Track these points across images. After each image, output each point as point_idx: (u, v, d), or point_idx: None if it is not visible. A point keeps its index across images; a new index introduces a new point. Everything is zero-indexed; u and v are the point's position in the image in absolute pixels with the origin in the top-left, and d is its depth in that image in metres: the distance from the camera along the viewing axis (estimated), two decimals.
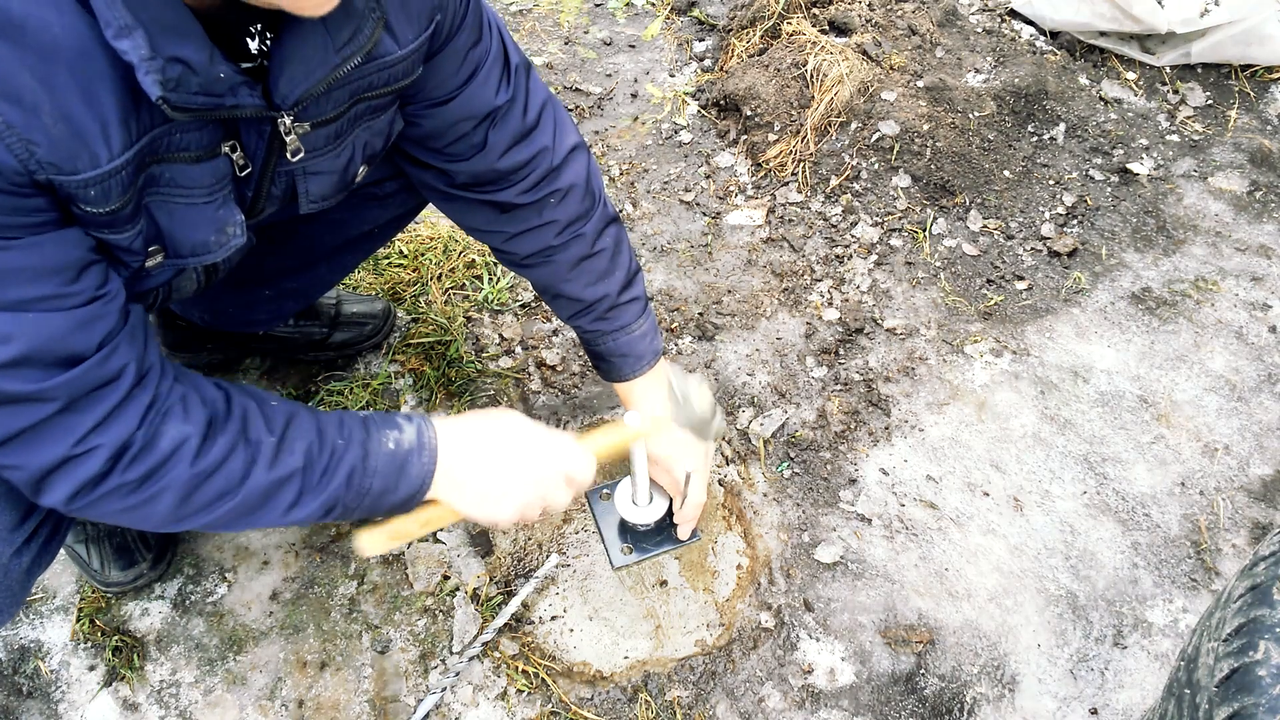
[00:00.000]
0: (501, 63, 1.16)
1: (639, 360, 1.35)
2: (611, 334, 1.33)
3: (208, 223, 0.97)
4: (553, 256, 1.29)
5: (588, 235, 1.28)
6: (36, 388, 0.81)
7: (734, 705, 1.39)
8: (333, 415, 1.04)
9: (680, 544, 1.48)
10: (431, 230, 2.07)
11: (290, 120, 0.94)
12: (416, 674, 1.44)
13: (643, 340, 1.35)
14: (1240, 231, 2.02)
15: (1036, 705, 1.39)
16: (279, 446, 0.96)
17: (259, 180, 1.01)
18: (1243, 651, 0.78)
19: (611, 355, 1.35)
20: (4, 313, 0.79)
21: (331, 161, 1.07)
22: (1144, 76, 2.34)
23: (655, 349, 1.37)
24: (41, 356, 0.81)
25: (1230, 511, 1.59)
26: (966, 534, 1.57)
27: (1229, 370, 1.78)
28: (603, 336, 1.34)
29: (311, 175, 1.07)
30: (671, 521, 1.47)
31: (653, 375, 1.37)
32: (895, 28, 2.33)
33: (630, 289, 1.34)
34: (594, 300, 1.31)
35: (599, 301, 1.32)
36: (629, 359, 1.35)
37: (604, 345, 1.35)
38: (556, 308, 1.38)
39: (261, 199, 1.05)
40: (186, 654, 1.47)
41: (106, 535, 1.50)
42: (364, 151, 1.12)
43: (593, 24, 2.69)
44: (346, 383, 1.79)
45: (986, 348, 1.83)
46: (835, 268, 1.99)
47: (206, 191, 0.93)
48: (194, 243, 0.97)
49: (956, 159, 2.11)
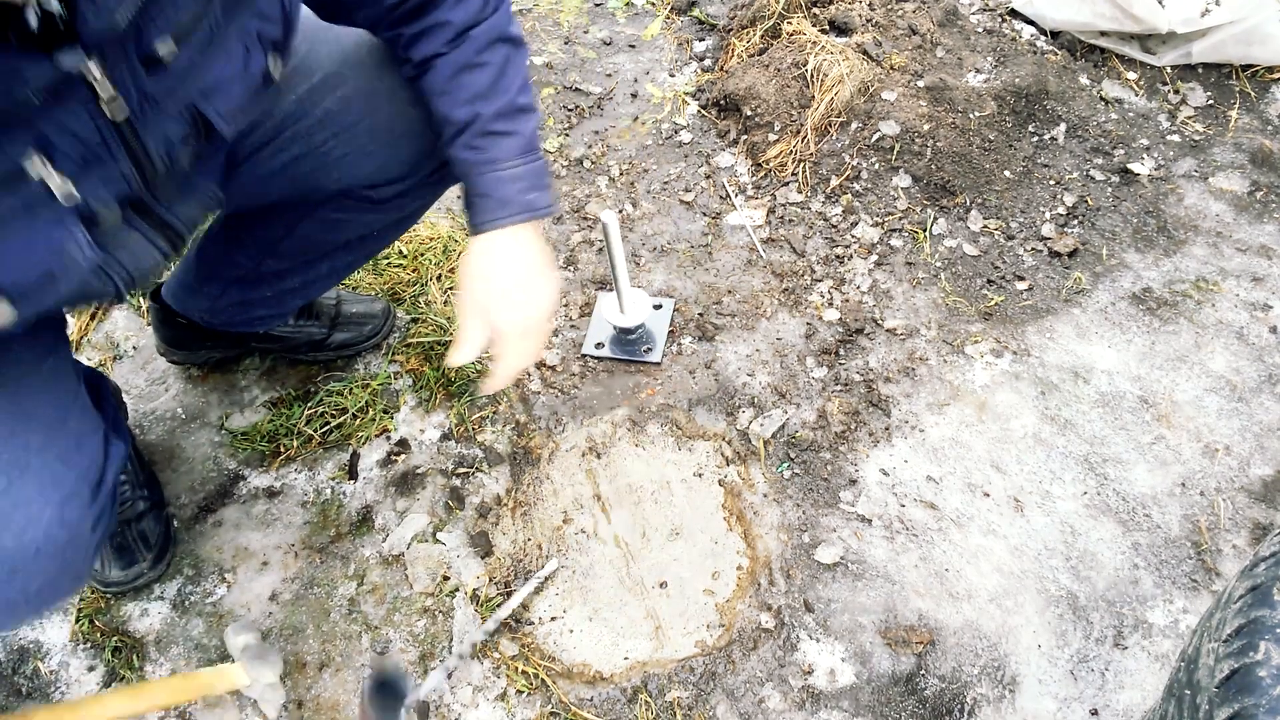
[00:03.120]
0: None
1: (502, 206, 1.19)
2: (478, 166, 1.19)
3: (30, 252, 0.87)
4: (437, 62, 1.17)
5: (474, 41, 1.16)
6: None
7: (734, 706, 1.39)
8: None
9: (640, 359, 1.83)
10: (431, 230, 2.07)
11: (103, 69, 0.80)
12: (416, 674, 1.44)
13: (512, 185, 1.20)
14: (1241, 232, 2.01)
15: (1037, 706, 1.38)
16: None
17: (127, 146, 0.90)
18: (1243, 652, 0.78)
19: (473, 194, 1.20)
20: None
21: (222, 68, 0.96)
22: (1144, 76, 2.34)
23: (528, 202, 1.21)
24: None
25: (1230, 512, 1.58)
26: (967, 535, 1.57)
27: (1229, 371, 1.78)
28: (471, 169, 1.20)
29: (207, 95, 0.95)
30: (647, 345, 1.84)
31: (516, 232, 1.21)
32: (895, 27, 2.33)
33: (510, 120, 1.20)
34: (465, 122, 1.18)
35: (470, 124, 1.18)
36: (490, 201, 1.19)
37: (470, 181, 1.21)
38: (440, 136, 1.24)
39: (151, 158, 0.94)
40: (186, 654, 1.47)
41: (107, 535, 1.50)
42: (262, 43, 1.02)
43: (593, 24, 2.69)
44: (346, 383, 1.79)
45: (987, 348, 1.83)
46: (835, 268, 1.99)
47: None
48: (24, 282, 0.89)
49: (957, 159, 2.10)
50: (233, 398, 1.81)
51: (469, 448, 1.71)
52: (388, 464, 1.70)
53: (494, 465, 1.69)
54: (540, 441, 1.73)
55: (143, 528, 1.53)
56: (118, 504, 1.28)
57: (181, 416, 1.79)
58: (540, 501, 1.64)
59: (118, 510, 1.52)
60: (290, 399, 1.79)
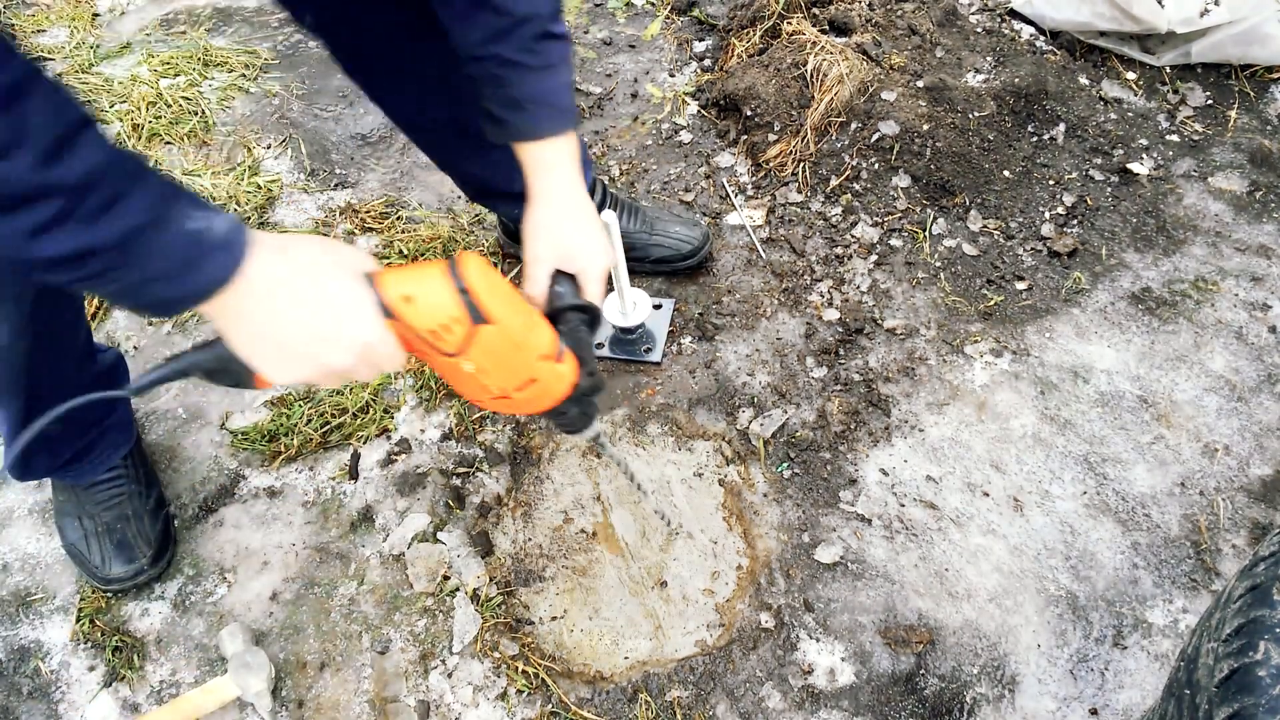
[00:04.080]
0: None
1: (560, 116, 1.10)
2: (535, 72, 1.08)
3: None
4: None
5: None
6: None
7: (734, 705, 1.39)
8: (132, 157, 0.78)
9: (640, 359, 1.81)
10: (431, 230, 2.07)
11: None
12: (417, 674, 1.44)
13: (564, 93, 1.11)
14: (1240, 231, 2.02)
15: (1036, 705, 1.39)
16: (59, 145, 0.71)
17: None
18: (1243, 652, 0.78)
19: (528, 102, 1.09)
20: None
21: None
22: (1144, 76, 2.34)
23: (573, 115, 1.14)
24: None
25: (1230, 512, 1.58)
26: (966, 534, 1.57)
27: (1229, 370, 1.78)
28: (524, 74, 1.08)
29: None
30: (647, 345, 1.83)
31: (566, 145, 1.12)
32: (895, 28, 2.33)
33: (560, 24, 1.11)
34: (523, 17, 1.06)
35: (527, 21, 1.06)
36: (547, 111, 1.09)
37: (521, 88, 1.09)
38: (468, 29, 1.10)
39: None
40: (186, 654, 1.47)
41: (107, 531, 1.51)
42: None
43: (593, 24, 2.69)
44: (346, 383, 1.79)
45: (986, 348, 1.83)
46: (835, 268, 1.99)
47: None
48: None
49: (956, 159, 2.11)
50: (233, 397, 1.81)
51: (469, 447, 1.72)
52: (388, 464, 1.70)
53: (494, 465, 1.69)
54: (540, 441, 1.73)
55: (143, 525, 1.53)
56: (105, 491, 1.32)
57: (182, 416, 1.79)
58: (540, 501, 1.65)
59: (116, 505, 1.53)
60: (291, 399, 1.79)
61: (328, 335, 0.87)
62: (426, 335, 0.94)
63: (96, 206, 0.73)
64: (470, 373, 0.99)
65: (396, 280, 0.93)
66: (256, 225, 2.12)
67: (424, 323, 0.93)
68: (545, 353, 1.04)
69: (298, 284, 0.86)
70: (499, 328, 0.96)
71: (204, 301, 0.82)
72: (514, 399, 1.04)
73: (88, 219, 0.73)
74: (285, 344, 0.87)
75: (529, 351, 1.02)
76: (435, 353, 0.96)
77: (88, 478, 1.53)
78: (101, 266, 0.76)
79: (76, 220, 0.72)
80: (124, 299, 0.81)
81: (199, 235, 0.79)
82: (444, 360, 0.98)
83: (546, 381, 1.05)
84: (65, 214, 0.72)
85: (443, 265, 0.94)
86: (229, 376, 0.93)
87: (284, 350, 0.87)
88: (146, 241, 0.76)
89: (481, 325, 0.95)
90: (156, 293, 0.80)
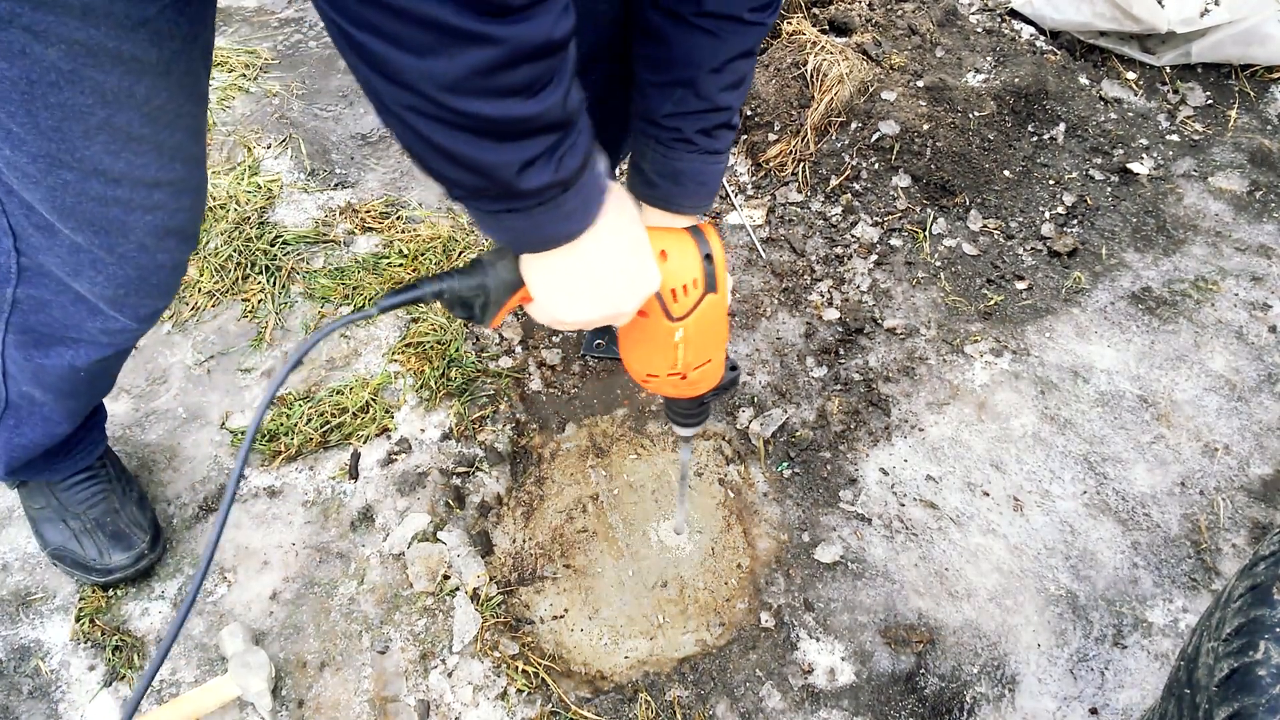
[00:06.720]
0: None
1: (707, 199, 1.12)
2: (705, 155, 1.11)
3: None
4: (723, 31, 1.05)
5: (764, 28, 1.05)
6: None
7: (734, 705, 1.39)
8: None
9: None
10: (431, 230, 2.07)
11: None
12: (417, 674, 1.44)
13: (719, 180, 1.14)
14: (1240, 231, 2.02)
15: (1036, 705, 1.39)
16: (574, 83, 0.75)
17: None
18: (1243, 651, 0.78)
19: (686, 178, 1.11)
20: None
21: None
22: (1144, 76, 2.34)
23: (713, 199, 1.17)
24: None
25: (1230, 511, 1.58)
26: (966, 534, 1.57)
27: (1229, 370, 1.78)
28: (695, 154, 1.11)
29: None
30: None
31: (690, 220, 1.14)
32: (895, 27, 2.33)
33: (738, 116, 1.13)
34: (719, 107, 1.08)
35: (720, 111, 1.08)
36: (700, 190, 1.12)
37: (688, 164, 1.11)
38: (662, 100, 1.09)
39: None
40: (186, 654, 1.47)
41: (97, 526, 1.50)
42: None
43: None
44: (346, 382, 1.79)
45: (986, 347, 1.83)
46: (835, 267, 1.99)
47: None
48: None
49: (956, 159, 2.11)
50: (233, 397, 1.81)
51: (469, 447, 1.72)
52: (388, 463, 1.70)
53: (494, 464, 1.69)
54: (541, 441, 1.73)
55: (132, 513, 1.54)
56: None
57: (182, 416, 1.79)
58: (541, 501, 1.65)
59: (101, 501, 1.54)
60: (291, 398, 1.79)
61: (634, 282, 0.92)
62: (666, 294, 0.97)
63: (573, 142, 0.76)
64: (675, 342, 1.01)
65: (653, 235, 0.96)
66: (256, 225, 2.12)
67: (671, 280, 0.97)
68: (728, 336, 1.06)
69: (632, 231, 0.90)
70: (720, 299, 1.00)
71: (571, 240, 0.84)
72: (689, 378, 1.07)
73: (567, 154, 0.76)
74: (600, 282, 0.89)
75: (725, 329, 1.06)
76: (661, 315, 0.99)
77: (63, 473, 1.52)
78: (549, 199, 0.78)
79: (560, 155, 0.75)
80: (516, 236, 0.83)
81: (600, 178, 0.83)
82: (660, 325, 0.99)
83: (717, 364, 1.09)
84: (553, 148, 0.74)
85: (685, 231, 0.98)
86: (470, 309, 0.91)
87: (596, 290, 0.90)
88: (579, 180, 0.79)
89: (710, 294, 0.98)
90: (551, 230, 0.82)
